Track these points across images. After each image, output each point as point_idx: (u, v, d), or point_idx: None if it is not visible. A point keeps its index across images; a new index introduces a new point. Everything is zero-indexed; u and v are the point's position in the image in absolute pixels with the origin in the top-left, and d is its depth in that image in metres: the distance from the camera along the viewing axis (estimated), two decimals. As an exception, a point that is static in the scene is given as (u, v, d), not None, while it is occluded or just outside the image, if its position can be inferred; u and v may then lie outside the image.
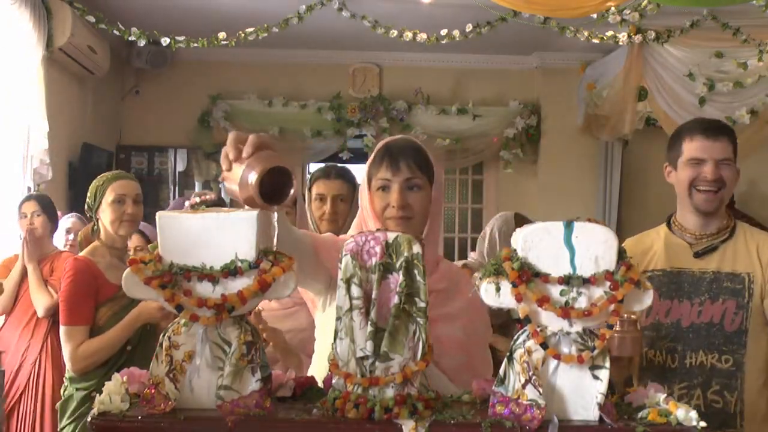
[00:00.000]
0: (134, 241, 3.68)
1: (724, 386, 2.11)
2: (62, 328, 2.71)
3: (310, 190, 2.73)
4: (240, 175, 1.33)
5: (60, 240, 4.39)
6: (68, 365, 2.71)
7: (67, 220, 4.47)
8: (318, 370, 1.71)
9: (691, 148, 2.17)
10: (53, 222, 4.14)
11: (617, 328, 1.94)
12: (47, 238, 4.09)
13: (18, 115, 4.70)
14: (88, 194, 2.84)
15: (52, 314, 3.79)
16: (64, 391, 2.79)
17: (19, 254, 3.99)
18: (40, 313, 3.81)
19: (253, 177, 1.31)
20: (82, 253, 2.83)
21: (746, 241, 2.18)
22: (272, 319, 2.25)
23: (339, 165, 2.80)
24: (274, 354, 2.19)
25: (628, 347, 1.96)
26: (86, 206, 2.87)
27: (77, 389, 2.71)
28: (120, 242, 2.83)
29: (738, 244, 2.18)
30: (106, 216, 2.79)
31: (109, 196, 2.78)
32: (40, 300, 3.81)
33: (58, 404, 2.79)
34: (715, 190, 2.14)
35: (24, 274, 3.93)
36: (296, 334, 2.32)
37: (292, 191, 1.36)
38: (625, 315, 1.84)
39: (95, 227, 2.86)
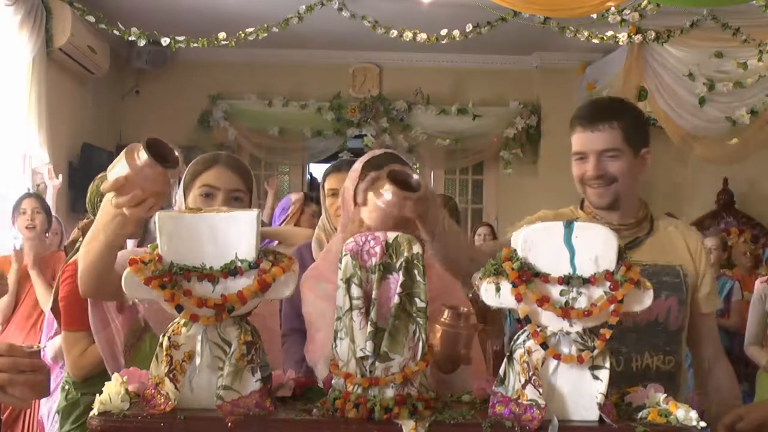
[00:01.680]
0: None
1: (666, 389, 1.97)
2: (65, 334, 2.63)
3: (322, 187, 2.64)
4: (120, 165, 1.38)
5: None
6: (70, 371, 2.66)
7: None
8: None
9: (574, 141, 2.00)
10: (49, 222, 4.13)
11: (447, 320, 1.52)
12: (43, 237, 4.08)
13: (18, 115, 4.71)
14: (89, 192, 2.82)
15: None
16: (66, 396, 2.74)
17: (12, 257, 3.91)
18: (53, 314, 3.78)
19: (143, 155, 1.37)
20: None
21: (669, 233, 2.01)
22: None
23: (350, 159, 2.71)
24: None
25: (460, 343, 1.49)
26: (87, 205, 2.84)
27: (83, 394, 2.67)
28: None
29: (661, 237, 2.00)
30: None
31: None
32: (48, 299, 3.77)
33: (60, 408, 2.75)
34: (605, 184, 1.93)
35: (21, 279, 3.86)
36: None
37: (176, 153, 1.42)
38: (463, 309, 1.50)
39: None
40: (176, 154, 1.41)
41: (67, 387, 2.73)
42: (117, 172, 1.38)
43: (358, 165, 1.81)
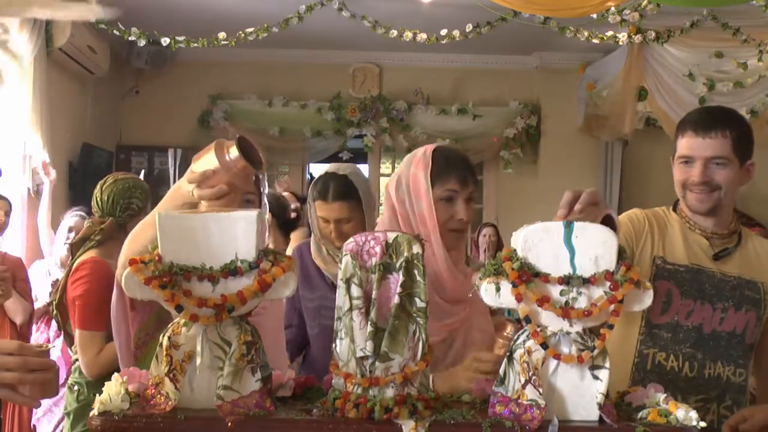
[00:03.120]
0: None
1: (735, 401, 1.95)
2: (81, 333, 2.59)
3: (311, 207, 2.49)
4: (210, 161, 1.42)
5: (61, 238, 4.36)
6: (86, 371, 2.61)
7: (70, 219, 4.40)
8: None
9: (681, 145, 1.96)
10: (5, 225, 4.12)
11: (511, 335, 1.66)
12: None
13: (17, 115, 4.71)
14: (114, 194, 2.75)
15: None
16: (77, 397, 2.70)
17: None
18: (20, 320, 3.73)
19: (234, 151, 1.41)
20: (94, 254, 2.74)
21: (755, 248, 2.02)
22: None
23: (339, 175, 2.44)
24: None
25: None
26: (140, 204, 2.75)
27: (96, 395, 2.65)
28: None
29: (748, 251, 2.01)
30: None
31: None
32: (19, 308, 3.72)
33: (71, 409, 2.71)
34: (708, 191, 1.93)
35: None
36: None
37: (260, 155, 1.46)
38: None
39: (121, 226, 2.72)
40: (260, 155, 1.47)
41: (77, 388, 2.69)
42: (204, 165, 1.43)
43: (429, 153, 1.78)
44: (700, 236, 2.00)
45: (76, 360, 2.67)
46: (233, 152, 1.41)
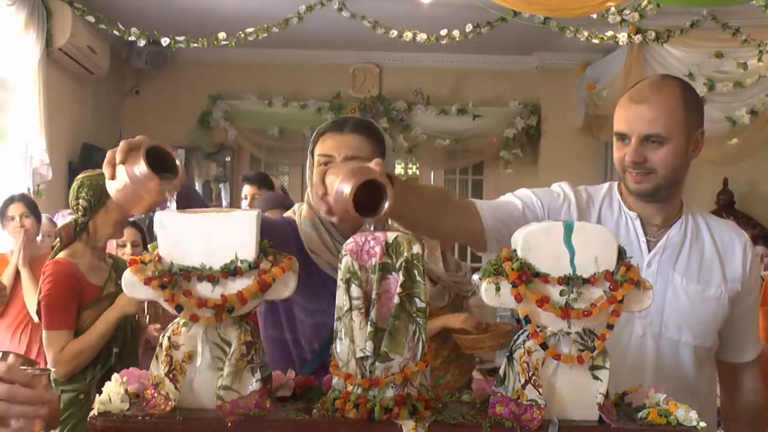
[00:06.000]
0: (130, 236, 3.65)
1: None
2: (45, 333, 2.65)
3: (312, 153, 1.81)
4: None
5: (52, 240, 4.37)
6: (54, 370, 2.64)
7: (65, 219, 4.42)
8: None
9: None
10: (39, 223, 4.13)
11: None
12: (34, 239, 4.09)
13: (18, 115, 4.71)
14: (88, 192, 2.72)
15: None
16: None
17: (9, 256, 3.96)
18: (38, 317, 3.79)
19: (347, 189, 1.28)
20: (61, 255, 2.71)
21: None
22: None
23: (357, 118, 1.87)
24: None
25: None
26: (85, 203, 2.73)
27: (63, 391, 2.66)
28: (102, 242, 2.78)
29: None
30: (109, 218, 2.73)
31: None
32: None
33: None
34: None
35: (14, 278, 3.90)
36: None
37: (387, 204, 1.30)
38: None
39: (80, 226, 2.72)
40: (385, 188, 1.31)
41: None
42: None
43: None
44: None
45: None
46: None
